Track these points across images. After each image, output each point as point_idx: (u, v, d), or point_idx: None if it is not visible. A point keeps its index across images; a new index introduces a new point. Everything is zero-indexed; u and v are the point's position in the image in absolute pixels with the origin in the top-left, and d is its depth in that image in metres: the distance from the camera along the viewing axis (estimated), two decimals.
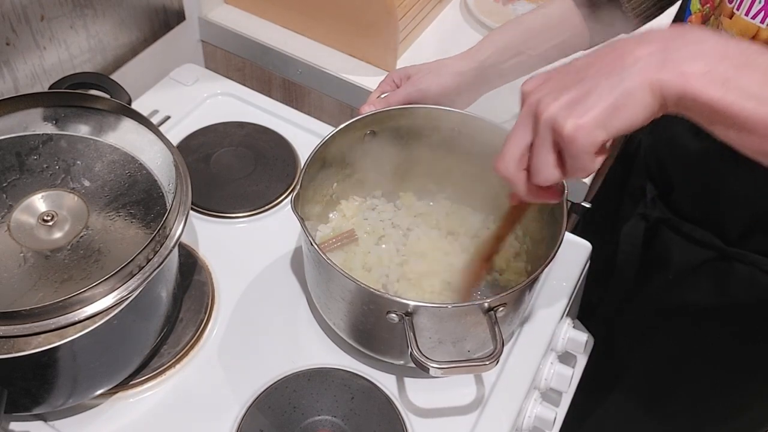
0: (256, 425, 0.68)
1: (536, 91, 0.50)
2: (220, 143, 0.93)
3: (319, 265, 0.67)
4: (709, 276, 0.78)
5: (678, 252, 0.80)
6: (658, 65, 0.46)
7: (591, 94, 0.47)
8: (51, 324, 0.56)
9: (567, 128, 0.47)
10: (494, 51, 0.77)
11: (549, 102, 0.48)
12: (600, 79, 0.47)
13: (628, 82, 0.46)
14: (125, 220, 0.64)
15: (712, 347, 0.83)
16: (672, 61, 0.46)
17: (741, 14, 0.63)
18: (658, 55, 0.46)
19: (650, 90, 0.46)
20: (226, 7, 1.14)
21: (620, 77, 0.46)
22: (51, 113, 0.71)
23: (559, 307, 0.80)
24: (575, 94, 0.48)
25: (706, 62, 0.45)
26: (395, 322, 0.63)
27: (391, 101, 0.77)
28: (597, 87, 0.47)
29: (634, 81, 0.46)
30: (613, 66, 0.47)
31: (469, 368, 0.64)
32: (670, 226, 0.79)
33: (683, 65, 0.45)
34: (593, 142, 0.47)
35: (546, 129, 0.49)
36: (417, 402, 0.71)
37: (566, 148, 0.48)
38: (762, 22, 0.62)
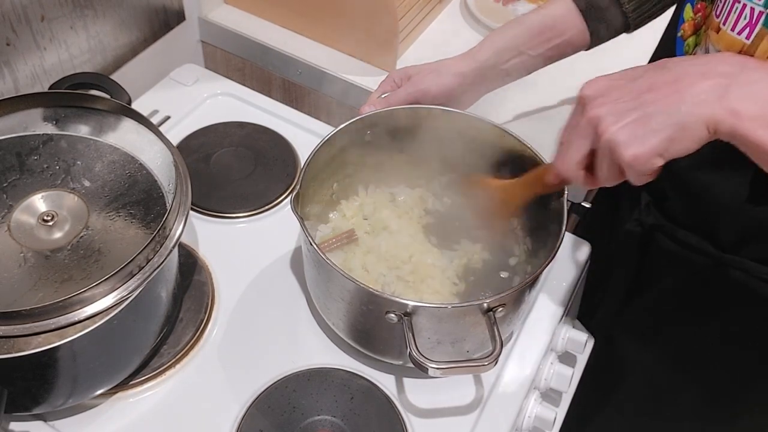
0: (256, 425, 0.68)
1: (596, 102, 0.54)
2: (220, 143, 0.93)
3: (319, 265, 0.67)
4: (705, 283, 0.78)
5: (672, 258, 0.79)
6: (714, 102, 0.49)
7: (649, 124, 0.50)
8: (51, 324, 0.56)
9: (626, 157, 0.51)
10: (495, 51, 0.77)
11: (610, 124, 0.52)
12: (659, 110, 0.50)
13: (686, 117, 0.49)
14: (125, 220, 0.64)
15: (711, 354, 0.83)
16: (727, 100, 0.49)
17: (727, 29, 0.63)
18: (717, 90, 0.49)
19: (705, 125, 0.49)
20: (226, 8, 1.14)
21: (679, 110, 0.50)
22: (51, 113, 0.71)
23: (559, 307, 0.80)
24: (635, 121, 0.51)
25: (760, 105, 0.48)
26: (394, 322, 0.63)
27: (392, 101, 0.77)
28: (656, 118, 0.50)
29: (691, 116, 0.49)
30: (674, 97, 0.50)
31: (468, 368, 0.64)
32: (664, 233, 0.79)
33: (738, 104, 0.48)
34: (650, 168, 0.52)
35: (606, 149, 0.53)
36: (417, 402, 0.71)
37: (627, 170, 0.53)
38: (747, 38, 0.61)
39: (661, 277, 0.82)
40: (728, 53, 0.53)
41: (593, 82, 0.55)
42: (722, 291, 0.77)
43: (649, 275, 0.84)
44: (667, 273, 0.81)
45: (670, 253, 0.79)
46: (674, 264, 0.80)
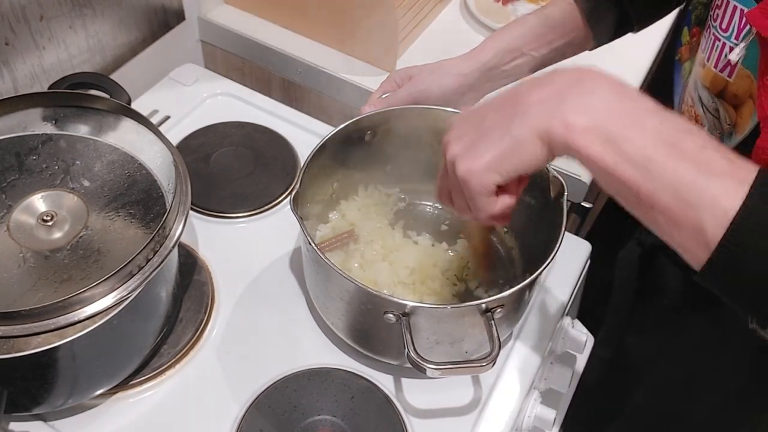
0: (256, 425, 0.67)
1: (453, 129, 0.55)
2: (220, 143, 0.93)
3: (318, 264, 0.67)
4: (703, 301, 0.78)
5: (672, 277, 0.79)
6: (548, 113, 0.47)
7: (484, 139, 0.51)
8: (50, 324, 0.56)
9: (460, 171, 0.51)
10: (496, 52, 0.77)
11: (452, 144, 0.53)
12: (495, 125, 0.50)
13: (518, 130, 0.49)
14: (125, 220, 0.64)
15: (714, 375, 0.82)
16: (561, 111, 0.47)
17: (711, 66, 0.63)
18: (549, 102, 0.48)
19: (539, 137, 0.48)
20: (226, 7, 1.14)
21: (511, 124, 0.49)
22: (50, 113, 0.70)
23: (559, 307, 0.80)
24: (472, 138, 0.52)
25: (592, 117, 0.46)
26: (392, 322, 0.63)
27: (392, 101, 0.77)
28: (491, 133, 0.50)
29: (523, 128, 0.48)
30: (509, 112, 0.50)
31: (465, 369, 0.64)
32: (665, 253, 0.79)
33: (570, 116, 0.46)
34: (484, 184, 0.51)
35: (451, 171, 0.53)
36: (417, 402, 0.71)
37: (464, 188, 0.52)
38: (729, 76, 0.61)
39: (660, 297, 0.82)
40: (571, 68, 0.50)
41: (457, 116, 0.57)
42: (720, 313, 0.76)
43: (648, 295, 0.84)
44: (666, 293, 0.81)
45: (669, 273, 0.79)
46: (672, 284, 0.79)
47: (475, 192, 0.52)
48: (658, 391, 0.89)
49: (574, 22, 0.76)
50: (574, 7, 0.76)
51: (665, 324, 0.83)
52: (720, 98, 0.63)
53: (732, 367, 0.81)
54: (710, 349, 0.81)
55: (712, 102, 0.63)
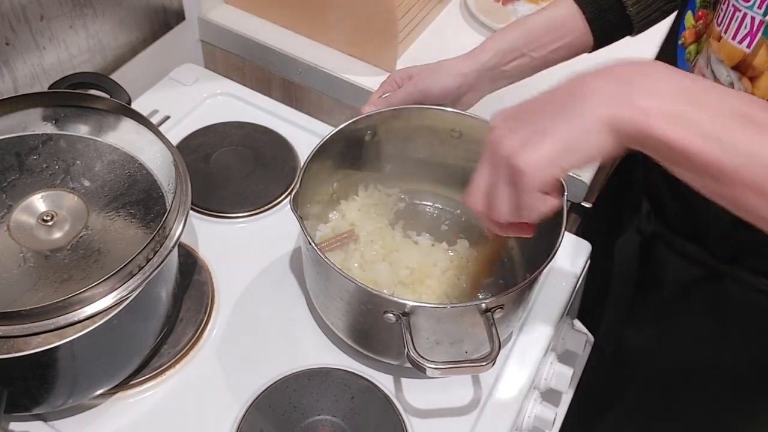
0: (256, 425, 0.67)
1: (500, 126, 0.51)
2: (220, 143, 0.93)
3: (318, 264, 0.67)
4: (703, 293, 0.78)
5: (672, 268, 0.79)
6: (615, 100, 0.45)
7: (545, 131, 0.47)
8: (50, 324, 0.56)
9: (520, 164, 0.47)
10: (496, 52, 0.77)
11: (507, 139, 0.49)
12: (556, 116, 0.47)
13: (584, 119, 0.46)
14: (125, 220, 0.64)
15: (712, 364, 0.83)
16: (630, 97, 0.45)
17: (728, 38, 0.62)
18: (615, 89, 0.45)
19: (607, 127, 0.45)
20: (226, 7, 1.14)
21: (575, 113, 0.46)
22: (50, 113, 0.70)
23: (559, 307, 0.80)
24: (531, 130, 0.48)
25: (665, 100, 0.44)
26: (392, 322, 0.64)
27: (392, 101, 0.77)
28: (552, 125, 0.47)
29: (589, 117, 0.45)
30: (571, 102, 0.47)
31: (466, 369, 0.64)
32: (664, 242, 0.79)
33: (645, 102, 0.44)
34: (544, 179, 0.48)
35: (502, 166, 0.49)
36: (417, 402, 0.71)
37: (518, 184, 0.48)
38: (748, 47, 0.61)
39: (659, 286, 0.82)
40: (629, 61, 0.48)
41: (497, 113, 0.53)
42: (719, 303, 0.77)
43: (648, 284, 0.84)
44: (665, 283, 0.81)
45: (669, 262, 0.79)
46: (672, 274, 0.79)
47: (532, 187, 0.48)
48: (655, 384, 0.90)
49: (575, 23, 0.76)
50: (576, 8, 0.76)
51: (665, 317, 0.83)
52: (737, 71, 0.63)
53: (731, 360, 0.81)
54: (710, 342, 0.81)
55: (727, 75, 0.64)
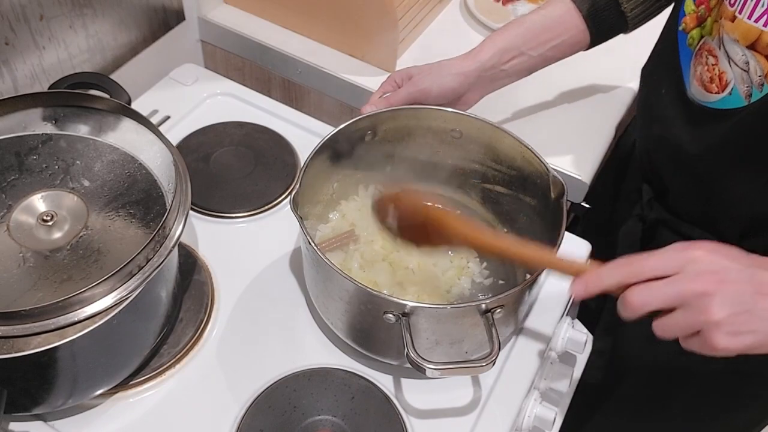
0: (256, 425, 0.67)
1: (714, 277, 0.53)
2: (220, 143, 0.93)
3: (318, 264, 0.67)
4: None
5: None
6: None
7: (755, 332, 0.52)
8: (50, 324, 0.56)
9: (719, 344, 0.52)
10: (495, 52, 0.77)
11: (721, 309, 0.52)
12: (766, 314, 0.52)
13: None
14: (125, 220, 0.64)
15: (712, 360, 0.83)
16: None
17: (743, 17, 0.63)
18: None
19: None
20: (226, 7, 1.14)
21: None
22: (50, 113, 0.70)
23: (559, 307, 0.80)
24: (744, 321, 0.52)
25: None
26: (392, 322, 0.63)
27: (393, 101, 0.77)
28: (762, 321, 0.52)
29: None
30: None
31: (465, 369, 0.64)
32: (668, 227, 0.79)
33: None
34: (726, 355, 0.53)
35: (700, 325, 0.53)
36: (417, 402, 0.71)
37: (705, 349, 0.53)
38: (765, 25, 0.62)
39: None
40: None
41: (710, 250, 0.55)
42: None
43: None
44: None
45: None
46: None
47: (715, 354, 0.53)
48: (652, 376, 0.90)
49: (571, 21, 0.77)
50: (572, 6, 0.77)
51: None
52: (752, 50, 0.63)
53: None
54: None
55: (742, 55, 0.64)
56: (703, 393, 0.89)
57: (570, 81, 1.03)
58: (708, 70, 0.68)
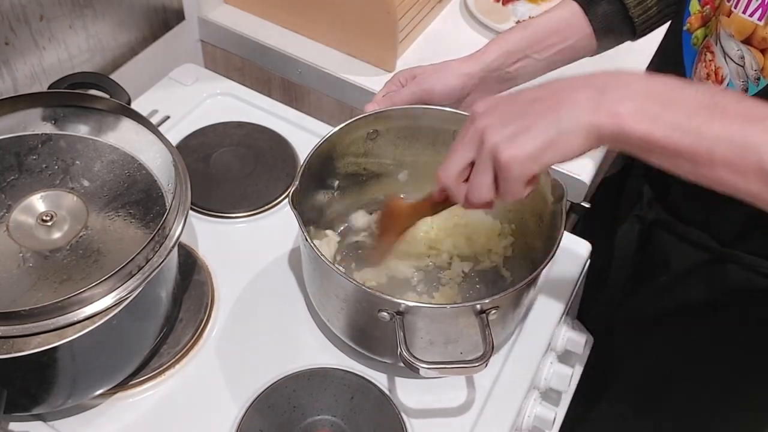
0: (255, 425, 0.67)
1: (485, 115, 0.56)
2: (220, 143, 0.93)
3: (315, 262, 0.67)
4: (704, 278, 0.78)
5: (673, 253, 0.80)
6: (593, 108, 0.52)
7: (530, 130, 0.53)
8: (50, 324, 0.56)
9: (504, 157, 0.54)
10: (500, 54, 0.77)
11: (494, 130, 0.55)
12: (540, 117, 0.53)
13: (564, 123, 0.52)
14: (124, 220, 0.64)
15: (708, 349, 0.83)
16: (605, 105, 0.52)
17: (739, 12, 0.63)
18: (593, 99, 0.52)
19: (585, 132, 0.52)
20: (226, 7, 1.14)
21: (558, 118, 0.53)
22: (50, 113, 0.70)
23: (559, 307, 0.80)
24: (517, 127, 0.54)
25: (635, 102, 0.51)
26: (386, 320, 0.64)
27: (396, 101, 0.77)
28: (536, 124, 0.53)
29: (570, 123, 0.52)
30: (554, 107, 0.53)
31: (458, 369, 0.64)
32: (665, 228, 0.79)
33: (616, 107, 0.51)
34: (525, 172, 0.54)
35: (487, 154, 0.55)
36: (417, 402, 0.71)
37: (501, 175, 0.55)
38: (759, 19, 0.62)
39: (660, 272, 0.82)
40: (597, 72, 0.55)
41: (483, 101, 0.58)
42: (721, 286, 0.77)
43: (648, 271, 0.84)
44: (666, 268, 0.81)
45: (670, 248, 0.80)
46: (673, 259, 0.80)
47: (515, 177, 0.54)
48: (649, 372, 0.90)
49: (578, 25, 0.77)
50: (579, 10, 0.77)
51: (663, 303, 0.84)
52: (746, 44, 0.64)
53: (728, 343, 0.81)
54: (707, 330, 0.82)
55: (737, 50, 0.65)
56: (699, 392, 0.89)
57: None
58: (705, 66, 0.68)
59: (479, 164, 0.56)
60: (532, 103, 0.55)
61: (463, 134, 0.58)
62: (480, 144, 0.56)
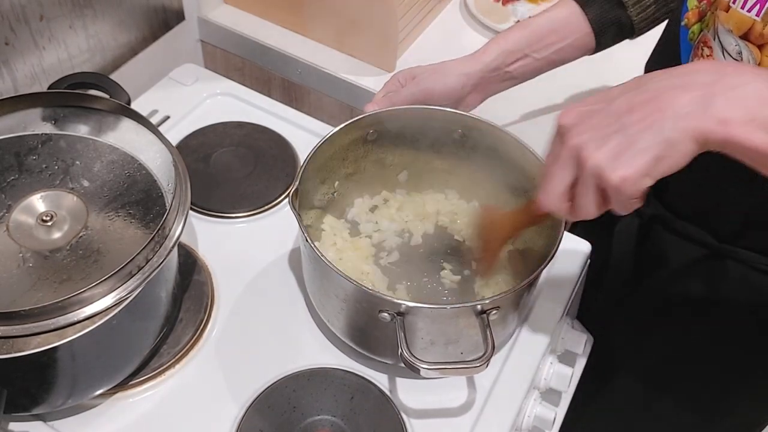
0: (255, 425, 0.67)
1: (576, 130, 0.52)
2: (220, 143, 0.93)
3: (315, 262, 0.67)
4: (703, 274, 0.78)
5: (671, 250, 0.80)
6: (700, 114, 0.47)
7: (635, 145, 0.49)
8: (50, 324, 0.56)
9: (614, 180, 0.49)
10: (499, 53, 0.77)
11: (593, 150, 0.50)
12: (643, 130, 0.49)
13: (671, 133, 0.48)
14: (124, 220, 0.64)
15: (707, 346, 0.84)
16: (713, 109, 0.47)
17: (737, 7, 0.63)
18: (699, 102, 0.48)
19: (693, 139, 0.48)
20: (226, 7, 1.14)
21: (662, 127, 0.48)
22: (50, 113, 0.70)
23: (559, 307, 0.80)
24: (619, 143, 0.49)
25: (747, 109, 0.47)
26: (387, 321, 0.64)
27: (395, 101, 0.77)
28: (640, 138, 0.49)
29: (676, 132, 0.48)
30: (656, 116, 0.49)
31: (459, 370, 0.64)
32: (663, 224, 0.80)
33: (724, 113, 0.47)
34: (639, 190, 0.50)
35: (591, 176, 0.51)
36: (416, 401, 0.71)
37: (613, 196, 0.51)
38: (757, 15, 0.62)
39: (658, 269, 0.82)
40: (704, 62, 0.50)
41: (569, 111, 0.54)
42: (719, 283, 0.77)
43: (647, 268, 0.84)
44: (664, 265, 0.81)
45: (668, 244, 0.80)
46: (672, 255, 0.80)
47: (629, 197, 0.51)
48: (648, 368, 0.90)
49: (577, 24, 0.77)
50: (579, 10, 0.77)
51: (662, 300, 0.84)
52: (744, 40, 0.63)
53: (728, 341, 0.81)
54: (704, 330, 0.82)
55: (735, 45, 0.64)
56: (698, 391, 0.89)
57: (573, 82, 1.03)
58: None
59: (583, 186, 0.52)
60: (628, 112, 0.50)
61: (555, 152, 0.54)
62: (579, 164, 0.52)
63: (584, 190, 0.52)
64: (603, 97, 0.53)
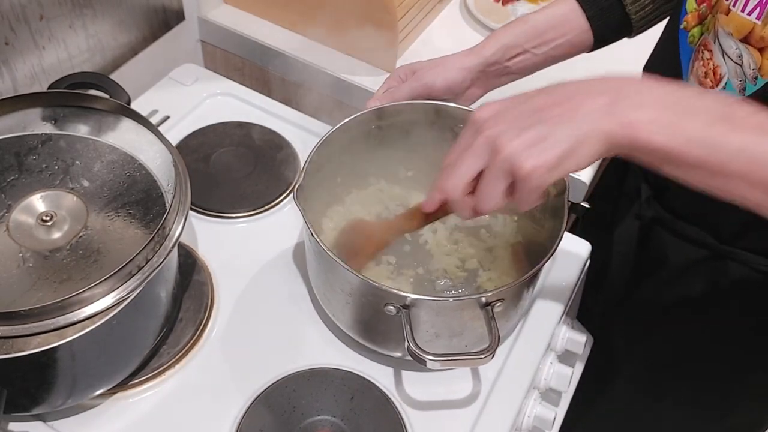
0: (256, 425, 0.67)
1: (493, 121, 0.54)
2: (220, 143, 0.93)
3: (320, 256, 0.67)
4: (703, 275, 0.78)
5: (672, 251, 0.80)
6: (608, 116, 0.51)
7: (549, 138, 0.51)
8: (50, 324, 0.56)
9: (526, 167, 0.51)
10: (499, 48, 0.78)
11: (510, 139, 0.52)
12: (558, 124, 0.52)
13: (582, 131, 0.51)
14: (124, 220, 0.64)
15: (707, 346, 0.84)
16: (621, 112, 0.50)
17: (737, 10, 0.63)
18: (608, 106, 0.51)
19: (601, 138, 0.51)
20: (226, 7, 1.14)
21: (576, 125, 0.51)
22: (50, 113, 0.70)
23: (559, 307, 0.80)
24: (534, 135, 0.52)
25: (651, 111, 0.50)
26: (393, 314, 0.64)
27: (396, 96, 0.77)
28: (555, 132, 0.51)
29: (586, 130, 0.51)
30: (570, 113, 0.52)
31: (465, 361, 0.65)
32: (664, 226, 0.80)
33: (630, 115, 0.50)
34: (545, 182, 0.52)
35: (504, 164, 0.52)
36: (416, 399, 0.71)
37: (520, 185, 0.53)
38: (757, 18, 0.62)
39: (659, 270, 0.82)
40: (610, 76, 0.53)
41: (486, 107, 0.56)
42: (719, 284, 0.77)
43: (647, 269, 0.84)
44: (665, 266, 0.81)
45: (668, 245, 0.80)
46: (672, 257, 0.80)
47: (535, 187, 0.53)
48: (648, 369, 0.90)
49: (576, 21, 0.77)
50: (577, 7, 0.77)
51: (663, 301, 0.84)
52: (745, 43, 0.64)
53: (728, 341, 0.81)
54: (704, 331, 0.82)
55: (735, 48, 0.65)
56: (699, 391, 0.89)
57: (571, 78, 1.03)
58: (703, 65, 0.69)
59: (491, 173, 0.53)
60: (546, 108, 0.53)
61: (467, 143, 0.55)
62: (493, 153, 0.53)
63: (493, 179, 0.53)
64: (520, 97, 0.55)
